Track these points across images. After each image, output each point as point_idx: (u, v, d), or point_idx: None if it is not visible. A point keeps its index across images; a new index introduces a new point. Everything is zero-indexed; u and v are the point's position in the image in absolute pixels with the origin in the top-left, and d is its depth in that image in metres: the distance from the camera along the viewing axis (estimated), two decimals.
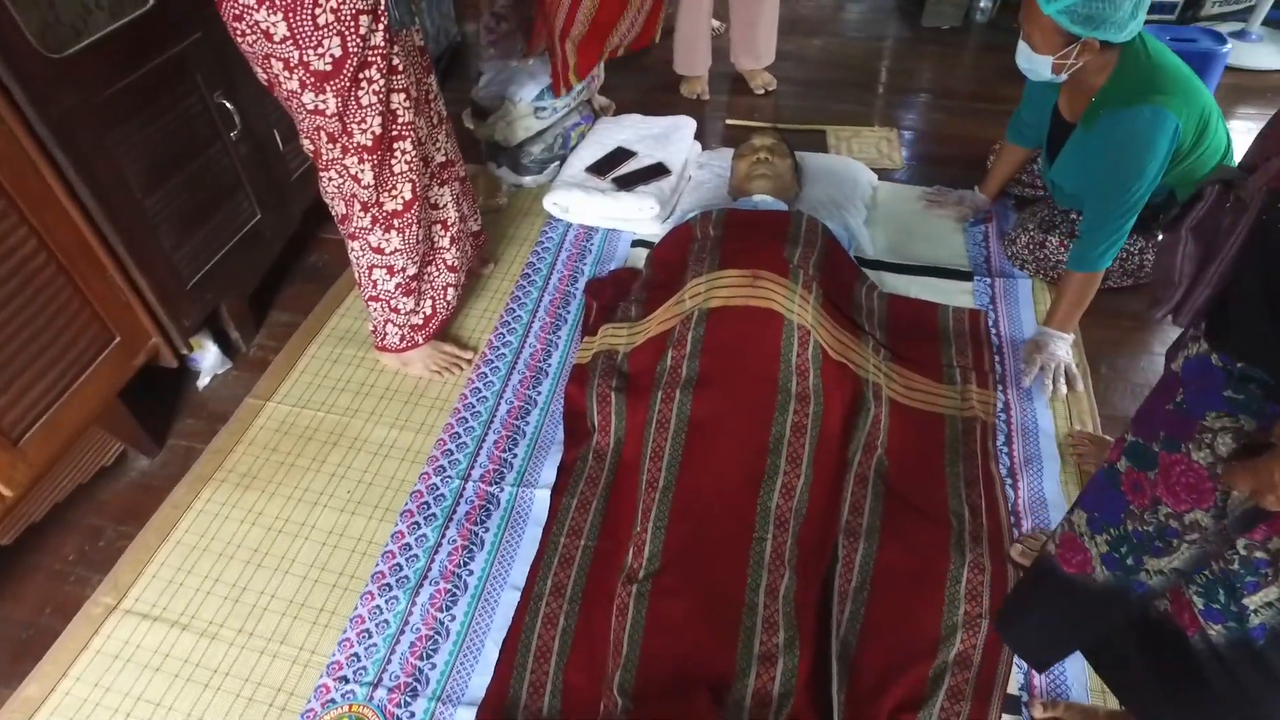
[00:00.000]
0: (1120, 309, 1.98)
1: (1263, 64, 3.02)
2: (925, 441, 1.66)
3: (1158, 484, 0.90)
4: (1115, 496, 0.96)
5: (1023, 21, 1.70)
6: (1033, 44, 1.69)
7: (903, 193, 2.37)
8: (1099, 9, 1.55)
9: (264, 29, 1.34)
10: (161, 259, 1.67)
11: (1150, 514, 0.91)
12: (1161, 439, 0.89)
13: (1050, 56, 1.67)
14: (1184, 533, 0.89)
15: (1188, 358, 0.88)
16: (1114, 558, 0.97)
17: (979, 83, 2.91)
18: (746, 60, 2.87)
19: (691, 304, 1.69)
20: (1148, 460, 0.91)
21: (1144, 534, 0.93)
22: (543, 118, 2.33)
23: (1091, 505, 1.01)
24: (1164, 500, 0.89)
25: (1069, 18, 1.58)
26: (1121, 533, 0.95)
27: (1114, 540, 0.97)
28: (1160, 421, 0.90)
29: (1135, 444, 0.94)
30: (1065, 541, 1.05)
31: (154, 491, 1.69)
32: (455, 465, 1.67)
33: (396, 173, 1.58)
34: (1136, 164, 1.63)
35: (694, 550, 1.39)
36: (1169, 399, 0.89)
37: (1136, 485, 0.93)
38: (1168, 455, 0.88)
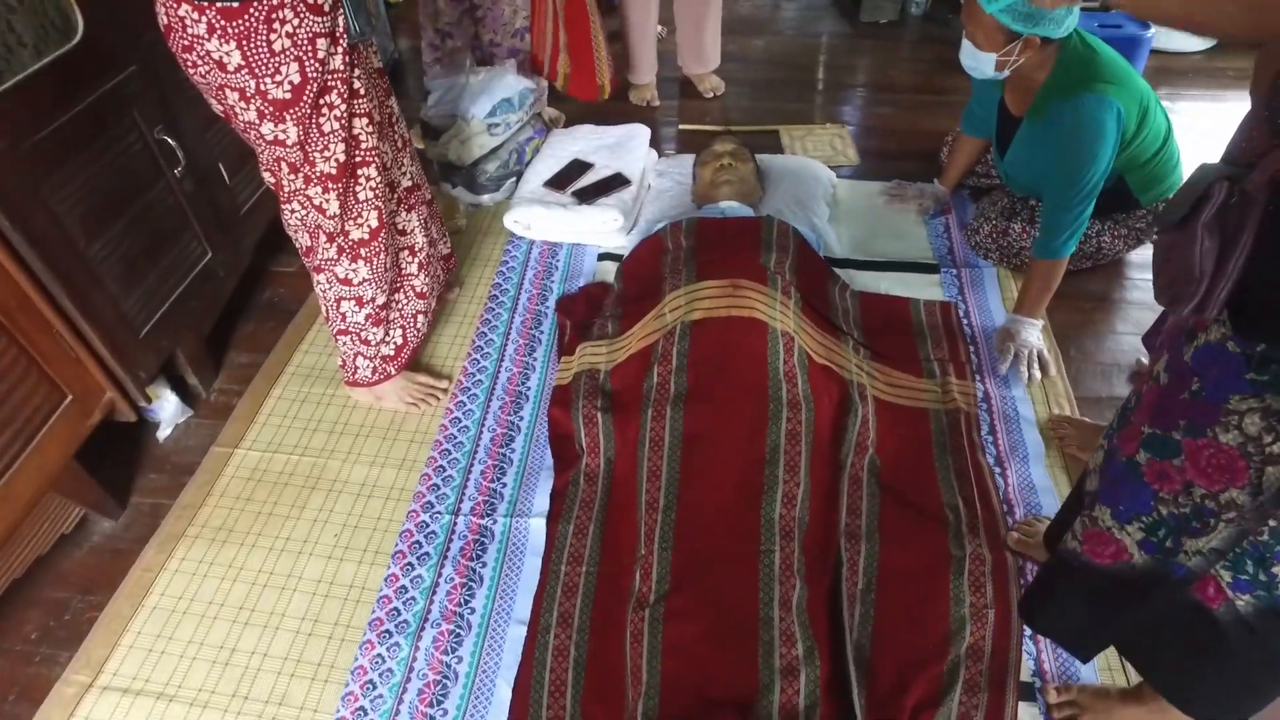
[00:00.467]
0: (1081, 291, 2.04)
1: (1181, 46, 3.16)
2: (913, 437, 1.68)
3: (1186, 469, 0.92)
4: (1140, 487, 0.98)
5: (965, 21, 1.74)
6: (976, 42, 1.73)
7: (862, 189, 2.39)
8: (1037, 10, 1.60)
9: (216, 59, 1.27)
10: (110, 309, 1.57)
11: (1184, 497, 0.93)
12: (1183, 427, 0.91)
13: (994, 54, 1.72)
14: (1220, 512, 0.91)
15: (1197, 348, 0.90)
16: (1152, 542, 0.99)
17: (921, 75, 2.97)
18: (694, 65, 2.87)
19: (673, 318, 1.67)
20: (1170, 449, 0.93)
21: (1180, 516, 0.95)
22: (497, 134, 2.28)
23: (1113, 499, 1.03)
24: (1197, 483, 0.92)
25: (1010, 16, 1.63)
26: (1156, 518, 0.98)
27: (1149, 526, 0.99)
28: (1178, 411, 0.92)
29: (1153, 435, 0.95)
30: (1090, 537, 1.07)
31: (121, 556, 1.59)
32: (443, 500, 1.61)
33: (361, 200, 1.52)
34: (1089, 151, 1.68)
35: (702, 569, 1.37)
36: (1183, 389, 0.91)
37: (1162, 474, 0.95)
38: (1193, 441, 0.90)
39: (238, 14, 1.22)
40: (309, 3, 1.28)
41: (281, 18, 1.25)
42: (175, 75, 1.68)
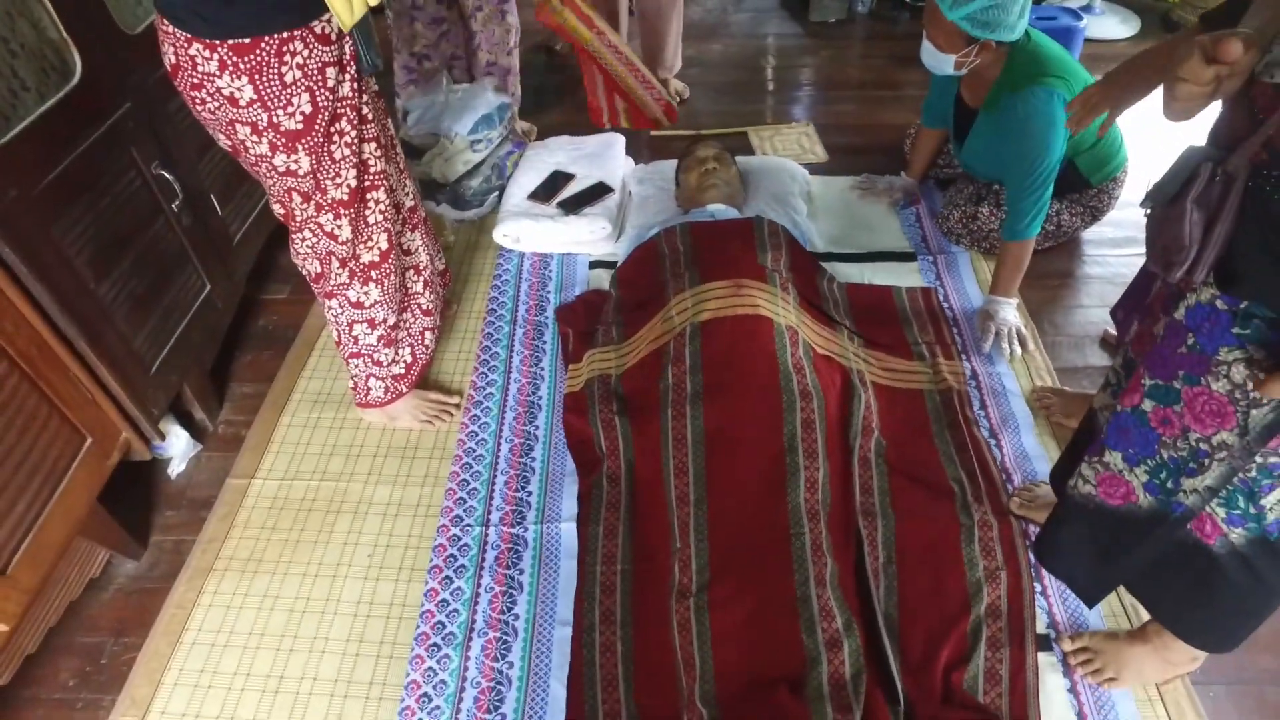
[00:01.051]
0: (1047, 269, 2.18)
1: (1109, 34, 3.36)
2: (912, 417, 1.77)
3: (1184, 414, 1.04)
4: (1146, 433, 1.10)
5: (927, 24, 1.86)
6: (937, 45, 1.86)
7: (834, 184, 2.49)
8: (995, 15, 1.75)
9: (228, 95, 1.28)
10: (122, 348, 1.56)
11: (1182, 440, 1.06)
12: (1181, 377, 1.03)
13: (953, 55, 1.83)
14: (1213, 452, 1.03)
15: (1189, 307, 1.02)
16: (1155, 484, 1.11)
17: (875, 71, 3.09)
18: (659, 70, 2.93)
19: (681, 320, 1.73)
20: (1171, 396, 1.05)
21: (1179, 459, 1.07)
22: (479, 150, 2.32)
23: (1123, 445, 1.14)
24: (1193, 428, 1.04)
25: (970, 24, 1.76)
26: (1159, 461, 1.10)
27: (1153, 469, 1.11)
28: (1176, 363, 1.04)
29: (1156, 385, 1.07)
30: (1104, 480, 1.18)
31: (150, 595, 1.58)
32: (471, 513, 1.65)
33: (371, 224, 1.55)
34: (1042, 141, 1.81)
35: (739, 557, 1.44)
36: (1179, 343, 1.03)
37: (1165, 419, 1.07)
38: (1190, 389, 1.03)
39: (249, 49, 1.24)
40: (317, 33, 1.30)
41: (292, 50, 1.27)
42: (166, 109, 1.70)
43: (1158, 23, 3.45)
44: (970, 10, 1.74)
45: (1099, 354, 1.97)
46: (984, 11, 1.74)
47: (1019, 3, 1.75)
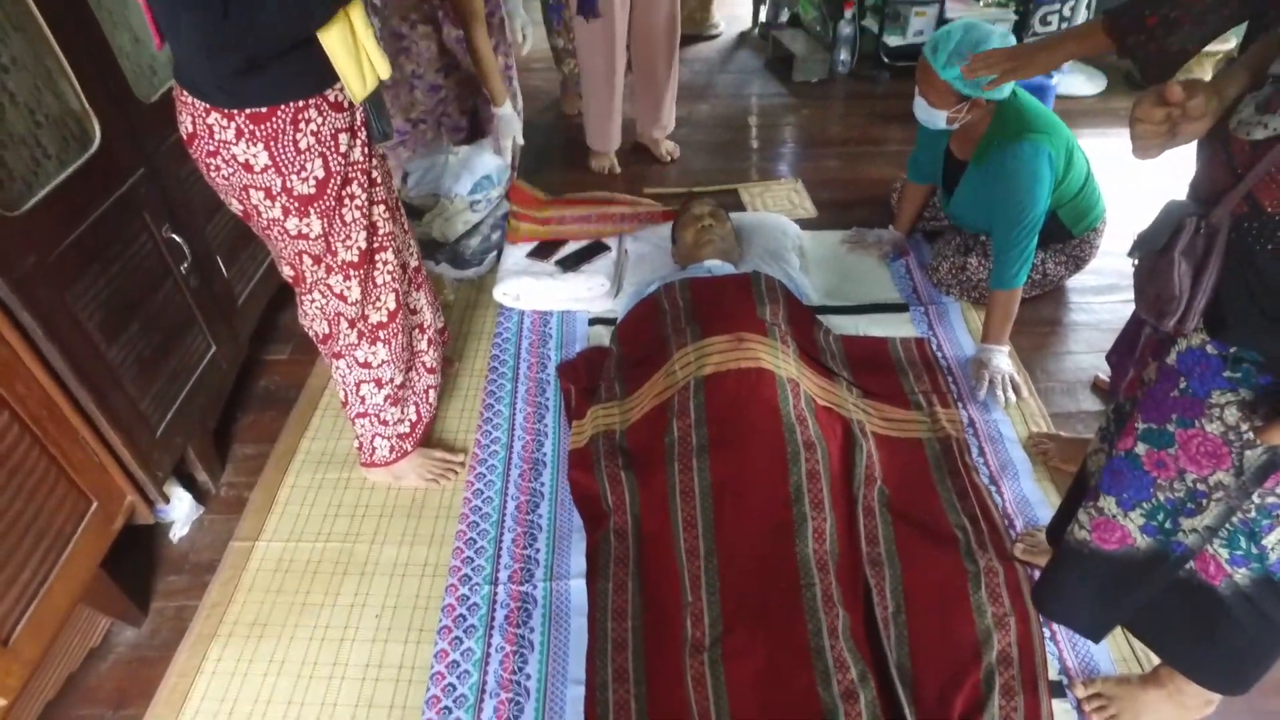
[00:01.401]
0: (1036, 317, 2.24)
1: (1077, 91, 3.52)
2: (912, 466, 1.80)
3: (1179, 457, 1.07)
4: (1140, 476, 1.13)
5: (920, 83, 1.95)
6: (930, 102, 1.94)
7: (824, 238, 2.56)
8: (984, 75, 1.80)
9: (243, 161, 1.31)
10: (129, 410, 1.56)
11: (1178, 482, 1.08)
12: (1175, 420, 1.07)
13: (945, 111, 1.92)
14: (1211, 492, 1.06)
15: (1180, 352, 1.06)
16: (1153, 526, 1.13)
17: (856, 128, 3.20)
18: (654, 130, 3.03)
19: (684, 374, 1.76)
20: (1165, 439, 1.08)
21: (1176, 500, 1.10)
22: (479, 210, 2.36)
23: (1116, 489, 1.16)
24: (1188, 469, 1.07)
25: (961, 83, 1.84)
26: (1155, 504, 1.12)
27: (1149, 511, 1.13)
28: (1169, 406, 1.07)
29: (1150, 429, 1.10)
30: (1098, 526, 1.20)
31: (151, 664, 1.55)
32: (480, 571, 1.64)
33: (380, 284, 1.57)
34: (1029, 194, 1.89)
35: (751, 609, 1.44)
36: (1172, 387, 1.06)
37: (1159, 462, 1.10)
38: (1184, 432, 1.06)
39: (266, 118, 1.28)
40: (331, 101, 1.34)
41: (307, 117, 1.31)
42: (178, 174, 1.73)
43: (1122, 81, 3.62)
44: (961, 69, 1.82)
45: (1091, 399, 2.01)
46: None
47: None
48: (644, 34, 2.75)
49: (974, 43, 1.82)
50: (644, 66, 2.87)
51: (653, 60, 2.84)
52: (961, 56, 1.81)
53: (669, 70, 2.88)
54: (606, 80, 2.77)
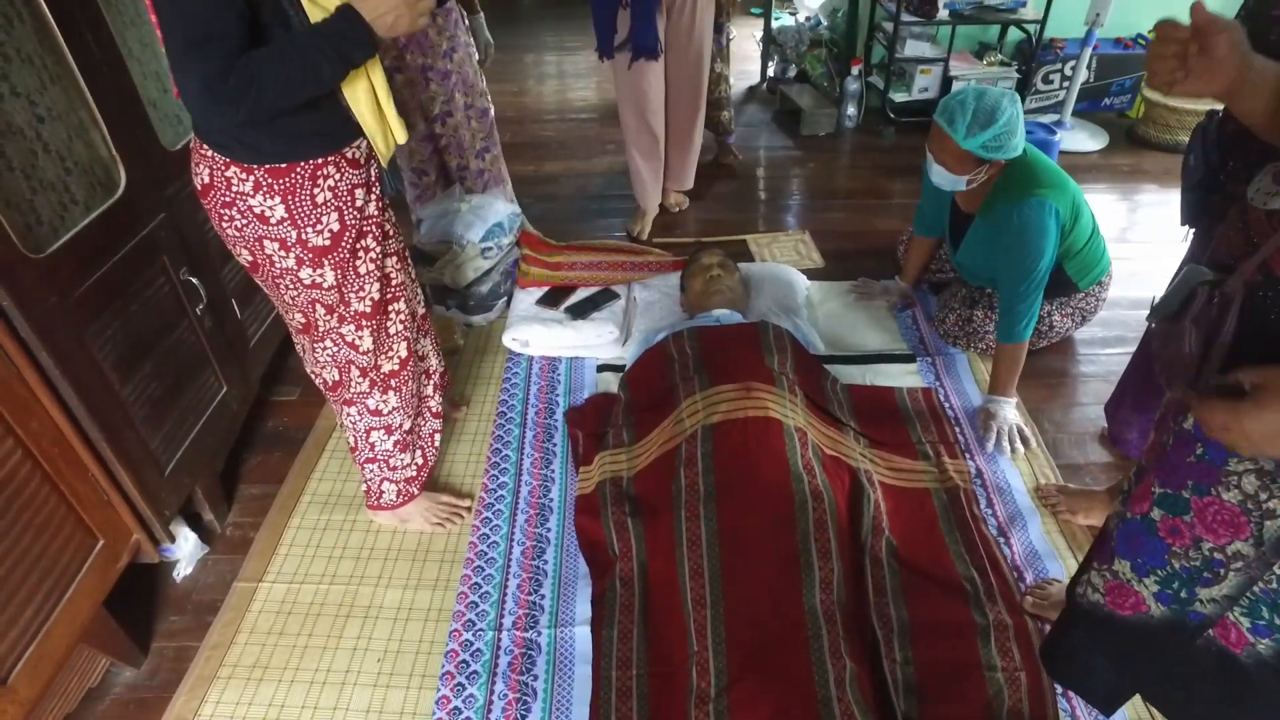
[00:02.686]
0: (1043, 368, 2.24)
1: (1081, 147, 3.58)
2: (920, 516, 1.79)
3: (1195, 525, 1.04)
4: (1154, 542, 1.10)
5: (937, 150, 1.98)
6: (949, 168, 1.98)
7: (832, 289, 2.58)
8: (1004, 140, 1.90)
9: (259, 213, 1.32)
10: (140, 449, 1.58)
11: (1194, 550, 1.05)
12: (1190, 486, 1.04)
13: (965, 176, 1.96)
14: (1229, 562, 1.03)
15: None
16: (1167, 594, 1.10)
17: (863, 180, 3.26)
18: (675, 184, 3.06)
19: (691, 422, 1.77)
20: (1180, 506, 1.05)
21: (1192, 569, 1.06)
22: (490, 257, 2.40)
23: (1131, 553, 1.14)
24: (1205, 537, 1.04)
25: (984, 150, 1.89)
26: (1170, 571, 1.09)
27: (1164, 579, 1.10)
28: (1185, 472, 1.05)
29: (1165, 494, 1.07)
30: (1112, 589, 1.18)
31: (148, 706, 1.53)
32: (484, 617, 1.62)
33: (392, 334, 1.60)
34: (1036, 249, 1.91)
35: (758, 659, 1.42)
36: (1188, 452, 1.04)
37: (1174, 529, 1.07)
38: (1199, 499, 1.03)
39: (285, 173, 1.30)
40: (349, 158, 1.37)
41: (325, 173, 1.34)
42: (196, 219, 1.77)
43: (1123, 137, 3.68)
44: (986, 138, 1.88)
45: (1099, 450, 2.00)
46: (997, 139, 1.88)
47: (1020, 121, 1.90)
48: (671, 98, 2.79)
49: (989, 109, 1.86)
50: (675, 125, 2.89)
51: (676, 123, 2.87)
52: (981, 125, 1.86)
53: (695, 129, 2.92)
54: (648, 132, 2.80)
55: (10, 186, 1.31)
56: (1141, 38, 3.75)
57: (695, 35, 2.67)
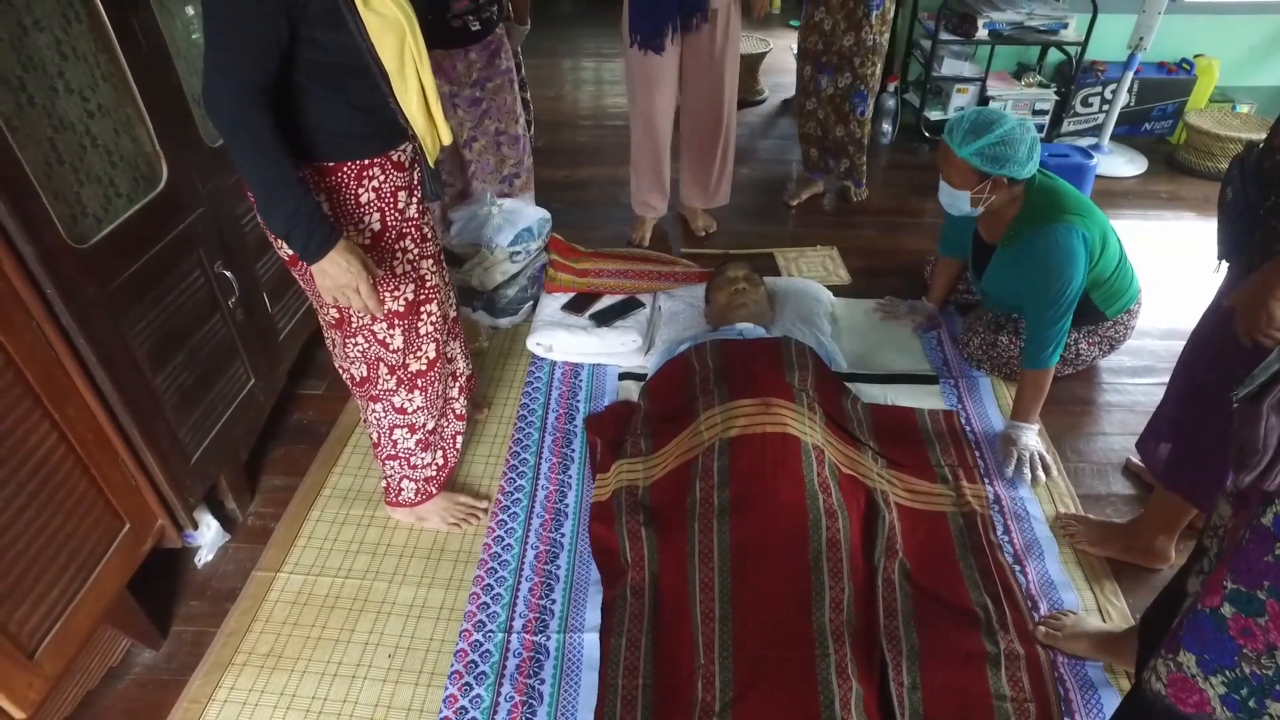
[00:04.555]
0: (1068, 396, 2.22)
1: (1118, 172, 3.53)
2: (935, 540, 1.78)
3: (1270, 629, 0.95)
4: (1224, 640, 1.00)
5: (941, 165, 1.98)
6: (951, 183, 1.97)
7: (857, 306, 2.58)
8: (1002, 151, 1.87)
9: None
10: (169, 437, 1.62)
11: (1267, 658, 0.96)
12: (1267, 588, 0.95)
13: (968, 192, 1.94)
14: None
15: (1277, 514, 0.94)
16: (1234, 700, 1.01)
17: (894, 198, 3.24)
18: (697, 199, 2.98)
19: (709, 435, 1.77)
20: (1255, 607, 0.96)
21: (1264, 678, 0.97)
22: (518, 261, 2.43)
23: (1199, 648, 1.04)
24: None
25: (979, 159, 1.88)
26: (1239, 675, 0.99)
27: (1231, 683, 1.00)
28: (1262, 572, 0.95)
29: (1238, 592, 0.98)
30: (1175, 682, 1.08)
31: (165, 687, 1.57)
32: (495, 618, 1.64)
33: (423, 334, 1.62)
34: (1064, 274, 1.89)
35: (764, 676, 1.42)
36: (1266, 551, 0.94)
37: (1246, 630, 0.97)
38: (1277, 604, 0.94)
39: (332, 171, 1.35)
40: (394, 160, 1.41)
41: (370, 174, 1.38)
42: (234, 213, 1.81)
43: (1163, 163, 3.62)
44: (979, 146, 1.86)
45: (1123, 482, 1.98)
46: (992, 147, 1.86)
47: (1026, 141, 1.87)
48: (691, 111, 2.74)
49: (986, 121, 1.87)
50: (689, 141, 2.83)
51: (696, 136, 2.80)
52: (975, 134, 1.86)
53: (711, 150, 2.83)
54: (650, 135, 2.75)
55: (60, 179, 1.36)
56: (1185, 63, 3.70)
57: (717, 51, 2.59)
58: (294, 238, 1.26)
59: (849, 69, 2.78)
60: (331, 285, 1.32)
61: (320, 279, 1.32)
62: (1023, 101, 3.62)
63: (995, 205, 2.00)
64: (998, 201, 1.99)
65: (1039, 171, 2.01)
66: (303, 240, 1.26)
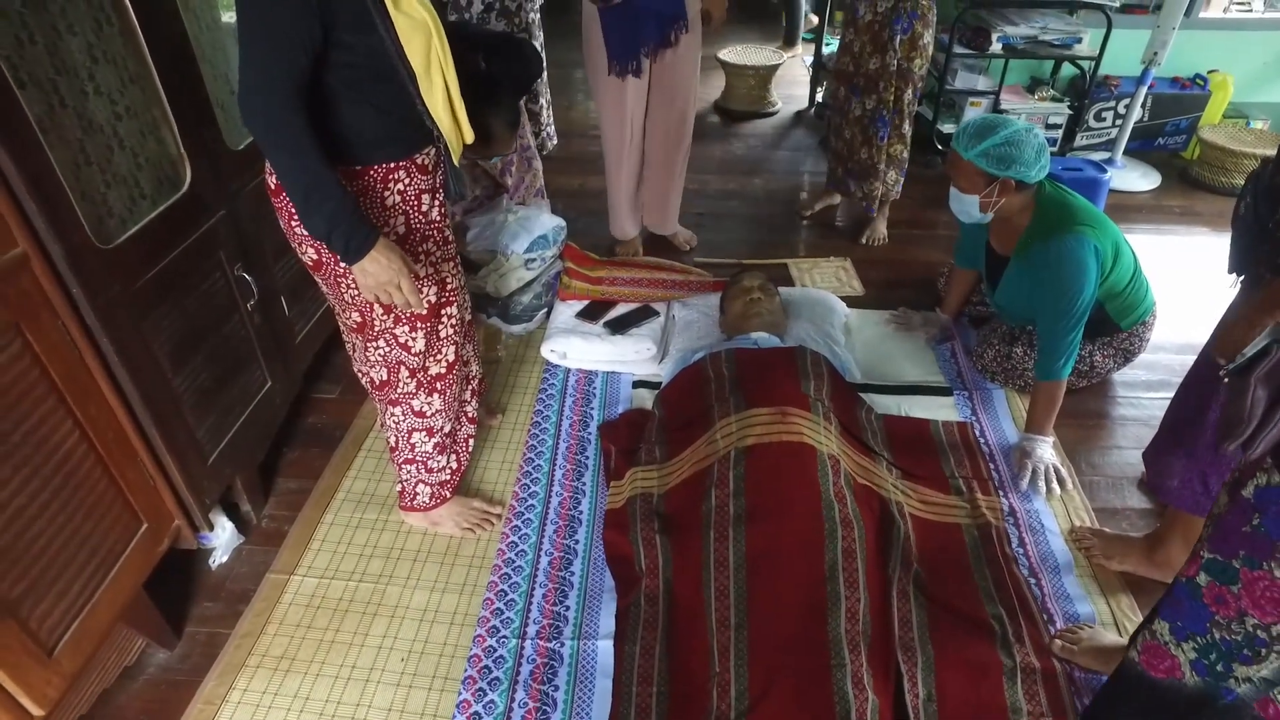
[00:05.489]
0: (1083, 409, 2.21)
1: (1131, 187, 3.53)
2: (949, 552, 1.77)
3: (1242, 597, 1.01)
4: (1198, 608, 1.06)
5: (950, 170, 1.99)
6: (960, 186, 1.98)
7: (871, 317, 2.58)
8: (1008, 151, 1.88)
9: None
10: (186, 438, 1.63)
11: (1237, 624, 1.02)
12: (1242, 557, 1.00)
13: (976, 196, 1.95)
14: (1272, 643, 1.00)
15: (1259, 487, 0.99)
16: (1203, 664, 1.07)
17: (906, 210, 3.24)
18: (659, 226, 2.99)
19: (725, 444, 1.77)
20: (1229, 575, 1.02)
21: (1232, 643, 1.03)
22: (533, 268, 2.44)
23: (1173, 615, 1.11)
24: (1250, 612, 1.00)
25: (986, 160, 1.90)
26: (1209, 640, 1.06)
27: (1202, 648, 1.07)
28: (1238, 542, 1.01)
29: (1214, 560, 1.04)
30: (1148, 649, 1.15)
31: (179, 688, 1.57)
32: (509, 624, 1.64)
33: (443, 338, 1.63)
34: (1075, 284, 1.89)
35: (779, 685, 1.41)
36: (1244, 522, 1.00)
37: (1220, 598, 1.04)
38: (1250, 572, 1.00)
39: (358, 175, 1.36)
40: (418, 164, 1.42)
41: (396, 178, 1.40)
42: (253, 216, 1.83)
43: (1176, 178, 3.62)
44: (985, 147, 1.88)
45: (1138, 496, 1.97)
46: (998, 148, 1.87)
47: (1033, 142, 1.88)
48: (657, 124, 2.70)
49: (991, 124, 1.89)
50: (653, 158, 2.80)
51: (662, 152, 2.77)
52: (980, 136, 1.88)
53: (675, 166, 2.82)
54: (618, 163, 2.74)
55: (88, 179, 1.38)
56: (1200, 78, 3.70)
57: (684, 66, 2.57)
58: (335, 239, 1.27)
59: (874, 92, 2.78)
60: (373, 284, 1.33)
61: (362, 278, 1.33)
62: (1036, 115, 3.62)
63: (1005, 212, 2.00)
64: (1007, 208, 1.99)
65: (1050, 184, 2.01)
66: (344, 241, 1.27)
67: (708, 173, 3.66)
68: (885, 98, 2.77)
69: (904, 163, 2.94)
